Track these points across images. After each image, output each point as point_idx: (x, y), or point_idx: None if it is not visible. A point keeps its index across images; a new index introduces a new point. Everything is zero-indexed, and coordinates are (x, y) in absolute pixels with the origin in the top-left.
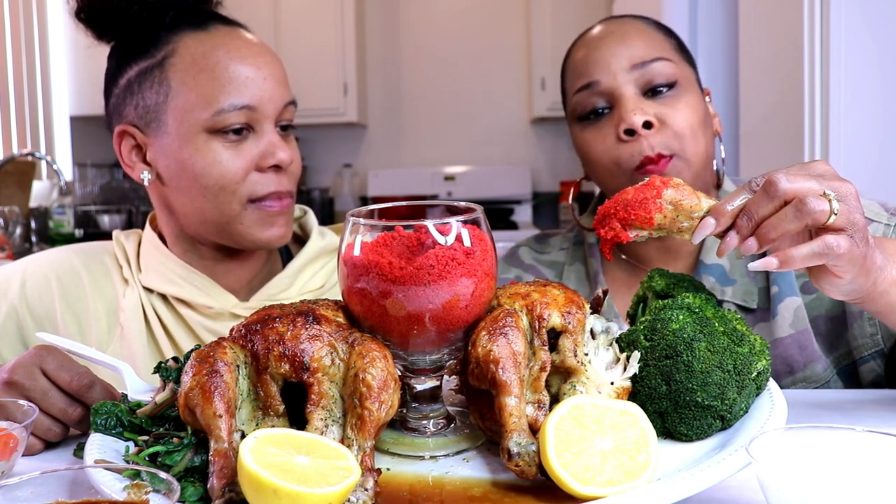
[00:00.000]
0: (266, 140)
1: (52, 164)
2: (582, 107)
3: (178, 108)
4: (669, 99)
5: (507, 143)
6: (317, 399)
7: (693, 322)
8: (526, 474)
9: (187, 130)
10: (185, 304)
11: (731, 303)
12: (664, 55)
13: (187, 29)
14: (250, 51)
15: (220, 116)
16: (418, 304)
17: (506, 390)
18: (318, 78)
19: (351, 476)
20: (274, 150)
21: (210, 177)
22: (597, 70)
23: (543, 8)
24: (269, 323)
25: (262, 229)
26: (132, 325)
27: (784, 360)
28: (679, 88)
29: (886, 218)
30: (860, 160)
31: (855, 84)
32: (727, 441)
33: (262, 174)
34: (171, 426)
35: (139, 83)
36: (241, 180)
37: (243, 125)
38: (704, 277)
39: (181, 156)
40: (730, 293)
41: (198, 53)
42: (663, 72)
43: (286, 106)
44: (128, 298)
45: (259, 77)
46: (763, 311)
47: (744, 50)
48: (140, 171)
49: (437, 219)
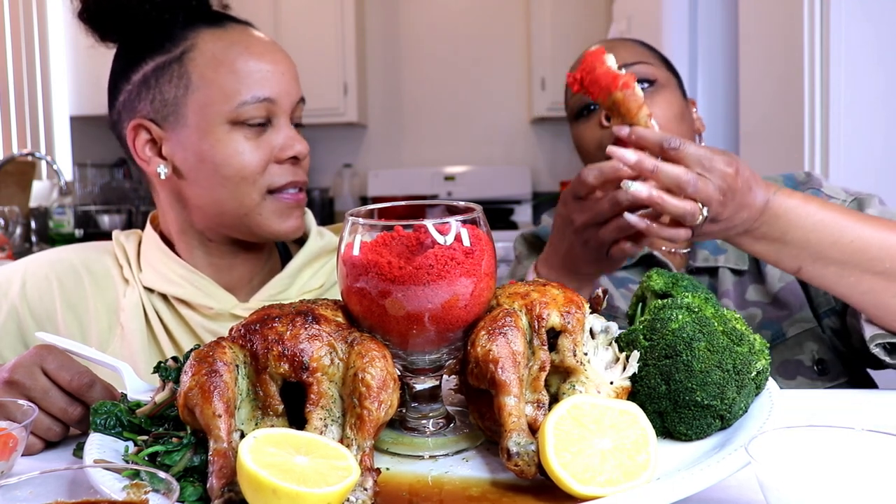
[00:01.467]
0: (283, 133)
1: (52, 164)
2: (577, 106)
3: (198, 101)
4: (647, 94)
5: (507, 143)
6: (316, 399)
7: (692, 322)
8: (525, 474)
9: (208, 123)
10: (186, 305)
11: (726, 267)
12: (646, 60)
13: (204, 26)
14: (266, 47)
15: (242, 108)
16: (417, 304)
17: (505, 390)
18: (318, 78)
19: (350, 476)
20: (292, 142)
21: (231, 167)
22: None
23: (543, 8)
24: (269, 323)
25: (279, 220)
26: (132, 324)
27: (784, 308)
28: (658, 86)
29: (845, 196)
30: (860, 160)
31: (855, 84)
32: (726, 441)
33: (280, 166)
34: (170, 426)
35: (156, 78)
36: (260, 171)
37: (263, 118)
38: (700, 251)
39: (201, 147)
40: (723, 260)
41: (217, 49)
42: (643, 72)
43: (299, 101)
44: (128, 298)
45: (277, 72)
46: (753, 273)
47: (744, 50)
48: (156, 166)
49: (437, 218)
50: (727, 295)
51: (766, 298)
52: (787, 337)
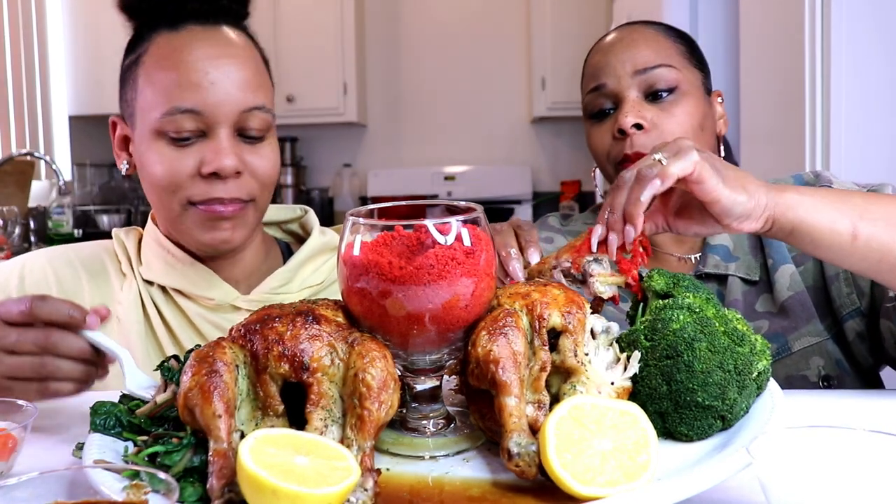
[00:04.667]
0: (211, 146)
1: (51, 164)
2: (592, 106)
3: (140, 106)
4: (668, 104)
5: (507, 142)
6: (316, 399)
7: (693, 322)
8: (526, 474)
9: (144, 129)
10: (185, 296)
11: (737, 276)
12: (668, 62)
13: (162, 29)
14: (210, 52)
15: (166, 119)
16: (418, 304)
17: (506, 390)
18: (318, 78)
19: (350, 476)
20: (215, 156)
21: (152, 176)
22: (605, 74)
23: (543, 8)
24: (269, 323)
25: (201, 231)
26: (130, 317)
27: (790, 319)
28: (679, 93)
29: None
30: (861, 161)
31: (856, 84)
32: (728, 441)
33: (204, 180)
34: (170, 426)
35: (124, 77)
36: (182, 182)
37: (192, 130)
38: (710, 256)
39: (138, 151)
40: (733, 268)
41: (162, 55)
42: (664, 77)
43: (249, 111)
44: (125, 292)
45: (206, 82)
46: (765, 283)
47: (744, 50)
48: (122, 161)
49: (437, 218)
50: (735, 305)
51: (773, 308)
52: (792, 351)
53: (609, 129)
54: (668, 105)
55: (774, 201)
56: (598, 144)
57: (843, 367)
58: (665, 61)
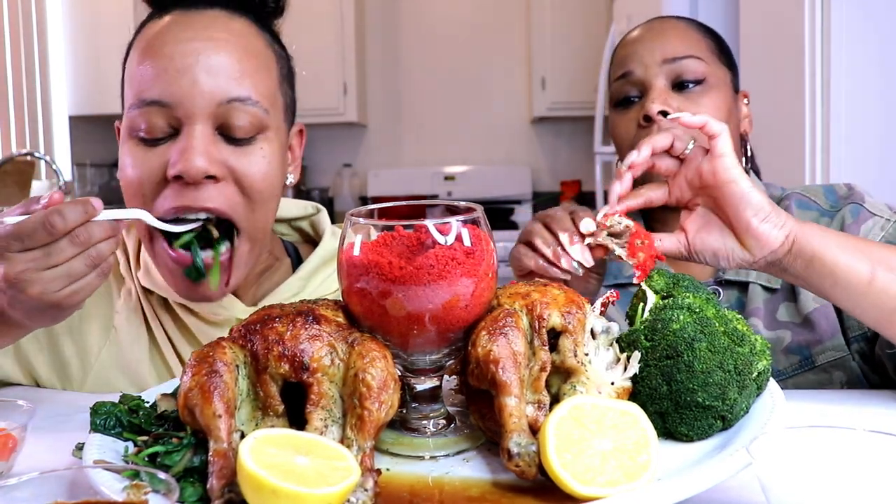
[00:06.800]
0: (178, 145)
1: (51, 164)
2: (618, 94)
3: (124, 104)
4: (695, 94)
5: (507, 142)
6: (316, 399)
7: (694, 322)
8: (526, 475)
9: (122, 129)
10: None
11: (758, 283)
12: (697, 54)
13: (150, 17)
14: (182, 36)
15: (133, 113)
16: (418, 304)
17: (506, 390)
18: (318, 78)
19: (351, 476)
20: (180, 156)
21: (124, 178)
22: (632, 62)
23: (543, 8)
24: (269, 323)
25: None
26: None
27: (814, 332)
28: (706, 86)
29: (889, 214)
30: (861, 161)
31: (856, 85)
32: (728, 441)
33: (169, 185)
34: (170, 426)
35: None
36: (153, 186)
37: (163, 128)
38: None
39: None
40: (754, 275)
41: (141, 45)
42: (693, 69)
43: (229, 103)
44: (123, 299)
45: (173, 67)
46: (787, 291)
47: (745, 51)
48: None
49: (437, 218)
50: (756, 314)
51: (796, 318)
52: (815, 365)
53: (634, 116)
54: (696, 96)
55: (799, 226)
56: (622, 133)
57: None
58: (694, 53)
